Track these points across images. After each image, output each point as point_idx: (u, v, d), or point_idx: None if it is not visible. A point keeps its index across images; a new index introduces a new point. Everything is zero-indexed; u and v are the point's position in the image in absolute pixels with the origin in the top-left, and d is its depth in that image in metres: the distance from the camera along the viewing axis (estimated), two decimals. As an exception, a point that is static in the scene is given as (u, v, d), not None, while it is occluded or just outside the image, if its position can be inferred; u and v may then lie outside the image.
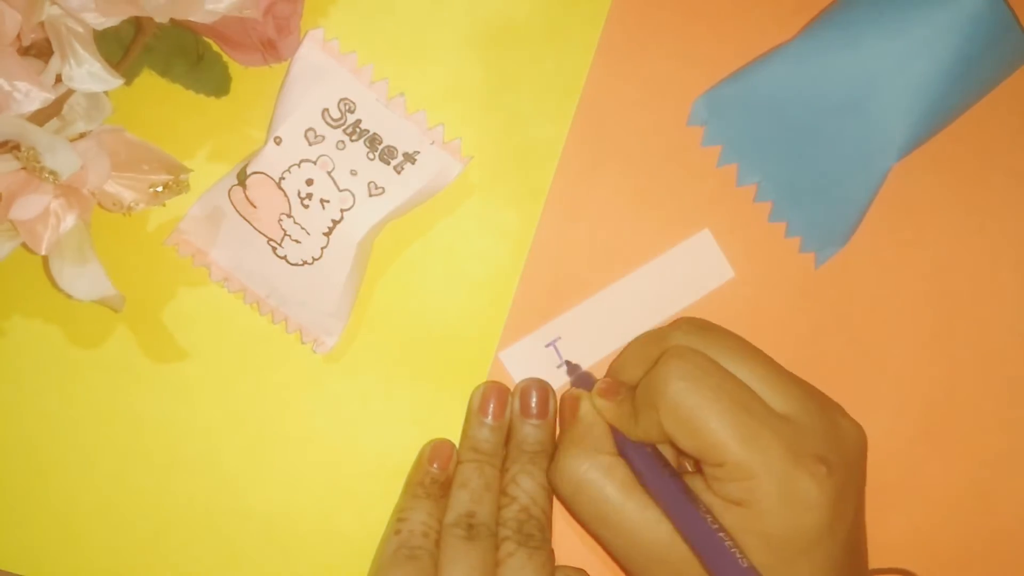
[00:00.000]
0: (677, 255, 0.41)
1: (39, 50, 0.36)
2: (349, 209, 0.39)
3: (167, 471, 0.41)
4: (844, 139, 0.38)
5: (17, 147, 0.34)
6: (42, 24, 0.35)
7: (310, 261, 0.40)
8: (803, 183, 0.40)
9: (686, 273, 0.41)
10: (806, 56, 0.39)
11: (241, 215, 0.40)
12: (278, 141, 0.39)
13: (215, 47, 0.39)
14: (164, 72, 0.39)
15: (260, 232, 0.40)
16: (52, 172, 0.34)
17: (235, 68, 0.40)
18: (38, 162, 0.34)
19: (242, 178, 0.39)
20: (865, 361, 0.38)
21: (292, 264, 0.40)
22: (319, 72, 0.39)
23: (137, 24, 0.37)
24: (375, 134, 0.40)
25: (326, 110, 0.39)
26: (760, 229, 0.41)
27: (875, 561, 0.38)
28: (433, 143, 0.40)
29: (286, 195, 0.39)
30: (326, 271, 0.40)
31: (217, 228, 0.40)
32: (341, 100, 0.39)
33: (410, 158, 0.40)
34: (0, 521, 0.41)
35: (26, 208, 0.35)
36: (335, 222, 0.39)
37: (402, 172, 0.40)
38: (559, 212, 0.41)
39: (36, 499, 0.41)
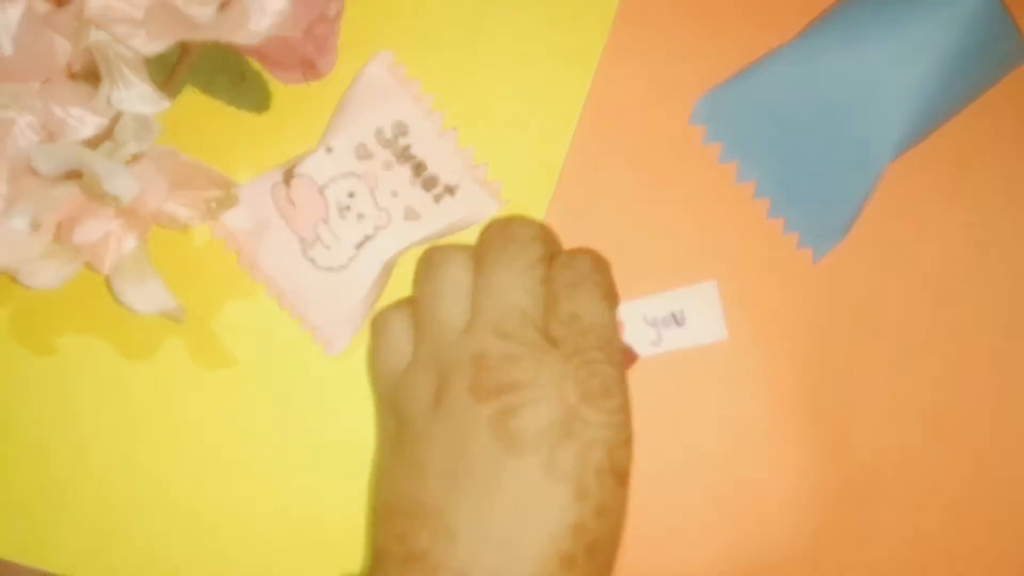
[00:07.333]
0: (681, 298, 0.42)
1: (86, 73, 0.37)
2: (384, 228, 0.40)
3: (173, 469, 0.41)
4: (842, 138, 0.39)
5: (78, 174, 0.35)
6: (88, 49, 0.35)
7: (336, 268, 0.40)
8: (801, 181, 0.41)
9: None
10: (805, 57, 0.39)
11: (279, 211, 0.40)
12: (329, 150, 0.40)
13: (256, 65, 0.40)
14: (206, 89, 0.39)
15: (293, 231, 0.40)
16: (114, 198, 0.35)
17: (273, 83, 0.40)
18: (100, 188, 0.35)
19: (287, 177, 0.40)
20: (862, 355, 0.38)
21: (319, 267, 0.40)
22: (381, 92, 0.40)
23: (183, 46, 0.37)
24: (421, 161, 0.40)
25: (380, 130, 0.40)
26: (759, 225, 0.42)
27: (870, 556, 0.40)
28: (475, 181, 0.41)
29: (327, 202, 0.40)
30: (349, 281, 0.40)
31: (254, 218, 0.41)
32: (396, 123, 0.40)
33: (450, 190, 0.40)
34: (47, 522, 0.41)
35: (88, 232, 0.36)
36: (367, 237, 0.40)
37: (440, 202, 0.40)
38: (565, 207, 0.42)
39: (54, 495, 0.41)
